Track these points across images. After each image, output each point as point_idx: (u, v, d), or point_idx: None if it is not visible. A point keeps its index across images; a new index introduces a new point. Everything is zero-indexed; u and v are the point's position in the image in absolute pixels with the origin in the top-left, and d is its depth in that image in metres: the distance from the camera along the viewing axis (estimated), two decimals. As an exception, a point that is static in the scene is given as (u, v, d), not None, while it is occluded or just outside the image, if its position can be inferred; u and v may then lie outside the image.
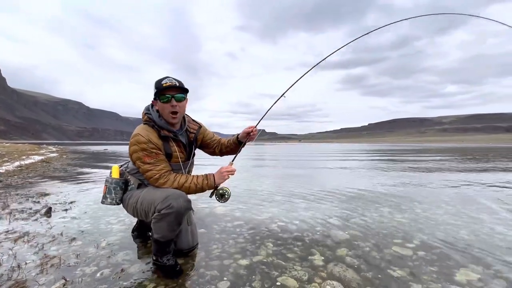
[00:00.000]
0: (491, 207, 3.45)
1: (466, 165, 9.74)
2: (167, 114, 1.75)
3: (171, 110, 1.73)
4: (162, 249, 1.72)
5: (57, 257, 1.91)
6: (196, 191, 1.76)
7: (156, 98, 1.75)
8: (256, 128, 1.99)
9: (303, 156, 17.14)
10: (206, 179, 1.79)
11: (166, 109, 1.73)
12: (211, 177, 1.80)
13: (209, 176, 1.81)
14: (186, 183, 1.73)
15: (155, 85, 1.74)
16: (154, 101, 1.79)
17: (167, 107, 1.73)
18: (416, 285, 1.61)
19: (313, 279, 1.67)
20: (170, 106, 1.72)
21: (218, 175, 1.81)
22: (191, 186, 1.73)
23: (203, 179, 1.78)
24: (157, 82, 1.75)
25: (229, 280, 1.65)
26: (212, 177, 1.80)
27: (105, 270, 1.74)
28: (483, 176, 6.52)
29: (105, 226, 2.60)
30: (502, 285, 1.62)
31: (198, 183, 1.76)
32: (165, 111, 1.74)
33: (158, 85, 1.73)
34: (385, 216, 3.03)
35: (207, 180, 1.78)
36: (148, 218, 1.75)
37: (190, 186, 1.73)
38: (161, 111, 1.77)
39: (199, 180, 1.77)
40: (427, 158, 13.75)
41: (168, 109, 1.73)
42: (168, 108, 1.73)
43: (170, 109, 1.73)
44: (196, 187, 1.75)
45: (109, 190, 1.88)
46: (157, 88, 1.73)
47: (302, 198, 3.93)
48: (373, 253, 2.03)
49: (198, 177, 1.78)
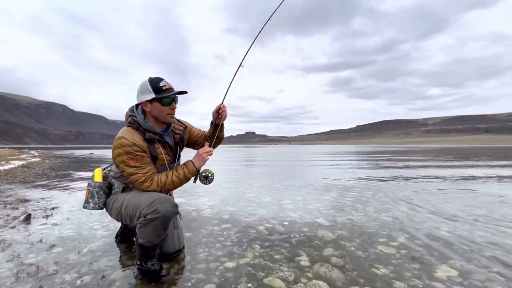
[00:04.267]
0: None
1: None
2: (165, 116, 1.75)
3: (170, 112, 1.76)
4: (147, 254, 1.68)
5: (34, 265, 1.83)
6: (180, 182, 1.74)
7: (153, 100, 1.69)
8: (223, 104, 1.93)
9: (293, 158, 17.25)
10: (185, 167, 1.77)
11: (164, 111, 1.73)
12: (189, 163, 1.79)
13: (187, 163, 1.79)
14: (168, 178, 1.70)
15: (152, 87, 1.67)
16: (147, 102, 1.71)
17: (167, 109, 1.73)
18: (399, 282, 1.64)
19: (299, 279, 1.67)
20: (169, 109, 1.73)
21: (197, 158, 1.80)
22: (174, 180, 1.71)
23: (182, 168, 1.77)
24: (154, 83, 1.68)
25: (215, 283, 1.63)
26: (190, 163, 1.79)
27: (86, 277, 1.68)
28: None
29: (88, 232, 2.52)
30: (480, 280, 1.68)
31: (180, 174, 1.73)
32: (163, 113, 1.74)
33: (156, 86, 1.68)
34: (370, 215, 3.09)
35: (186, 168, 1.76)
36: (133, 222, 1.71)
37: (173, 180, 1.71)
38: (157, 113, 1.73)
39: (179, 171, 1.75)
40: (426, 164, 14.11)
41: (166, 111, 1.74)
42: (168, 110, 1.74)
43: (169, 111, 1.75)
44: (178, 178, 1.72)
45: (92, 194, 1.83)
46: (157, 90, 1.68)
47: (290, 199, 3.94)
48: (359, 253, 2.07)
49: (177, 169, 1.77)
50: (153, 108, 1.72)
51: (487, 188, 4.89)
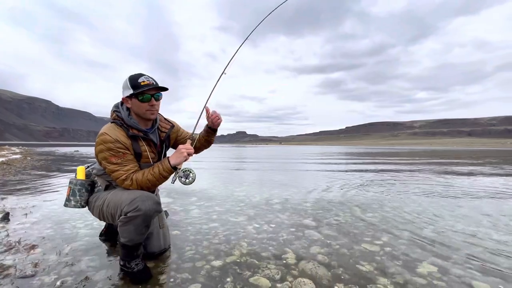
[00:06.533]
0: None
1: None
2: (144, 112, 1.71)
3: (150, 109, 1.71)
4: (130, 253, 1.65)
5: (12, 267, 1.75)
6: (157, 180, 1.66)
7: (132, 96, 1.67)
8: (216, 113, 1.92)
9: (282, 158, 17.35)
10: (160, 164, 1.68)
11: (143, 108, 1.69)
12: (165, 160, 1.71)
13: (163, 159, 1.73)
14: (144, 177, 1.64)
15: (131, 83, 1.65)
16: (127, 98, 1.69)
17: (145, 106, 1.69)
18: (382, 278, 1.68)
19: (285, 277, 1.69)
20: (148, 106, 1.70)
21: (174, 155, 1.72)
22: (149, 178, 1.64)
23: (158, 165, 1.68)
24: (132, 79, 1.66)
25: (201, 283, 1.62)
26: (166, 160, 1.70)
27: (67, 279, 1.63)
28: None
29: (70, 231, 2.44)
30: (458, 274, 1.74)
31: (155, 172, 1.66)
32: (142, 109, 1.70)
33: (134, 82, 1.65)
34: (357, 216, 3.15)
35: (161, 165, 1.68)
36: (115, 221, 1.66)
37: (148, 178, 1.64)
38: (137, 110, 1.70)
39: (155, 169, 1.67)
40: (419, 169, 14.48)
41: (145, 108, 1.70)
42: (146, 107, 1.69)
43: (148, 108, 1.70)
44: (153, 176, 1.65)
45: (73, 192, 1.78)
46: (134, 86, 1.64)
47: (279, 199, 3.97)
48: (343, 250, 2.10)
49: (154, 166, 1.69)
50: (133, 104, 1.70)
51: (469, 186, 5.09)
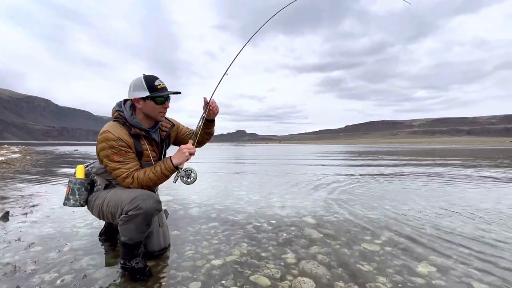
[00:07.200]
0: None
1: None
2: (157, 113, 1.77)
3: (162, 111, 1.78)
4: (130, 252, 1.65)
5: (11, 264, 1.75)
6: (158, 179, 1.66)
7: (147, 98, 1.69)
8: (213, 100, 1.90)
9: (282, 158, 17.36)
10: (162, 163, 1.69)
11: (157, 109, 1.75)
12: (167, 159, 1.72)
13: (165, 159, 1.73)
14: (145, 176, 1.64)
15: (147, 85, 1.68)
16: (140, 99, 1.71)
17: (160, 108, 1.75)
18: (381, 277, 1.69)
19: (285, 276, 1.69)
20: (162, 108, 1.76)
21: (176, 154, 1.73)
22: (150, 177, 1.64)
23: (160, 164, 1.69)
24: (149, 81, 1.69)
25: (201, 281, 1.62)
26: (168, 159, 1.72)
27: (67, 277, 1.63)
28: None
29: (70, 230, 2.44)
30: (457, 275, 1.75)
31: (156, 171, 1.66)
32: (156, 111, 1.75)
33: (151, 85, 1.69)
34: (357, 214, 3.15)
35: (164, 164, 1.68)
36: (115, 220, 1.67)
37: (150, 177, 1.64)
38: (150, 111, 1.74)
39: (157, 167, 1.68)
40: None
41: (159, 110, 1.75)
42: (160, 109, 1.75)
43: (162, 110, 1.77)
44: (155, 175, 1.65)
45: (73, 191, 1.78)
46: (151, 88, 1.68)
47: (279, 197, 3.97)
48: (344, 250, 2.11)
49: (156, 165, 1.70)
50: (145, 105, 1.73)
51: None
